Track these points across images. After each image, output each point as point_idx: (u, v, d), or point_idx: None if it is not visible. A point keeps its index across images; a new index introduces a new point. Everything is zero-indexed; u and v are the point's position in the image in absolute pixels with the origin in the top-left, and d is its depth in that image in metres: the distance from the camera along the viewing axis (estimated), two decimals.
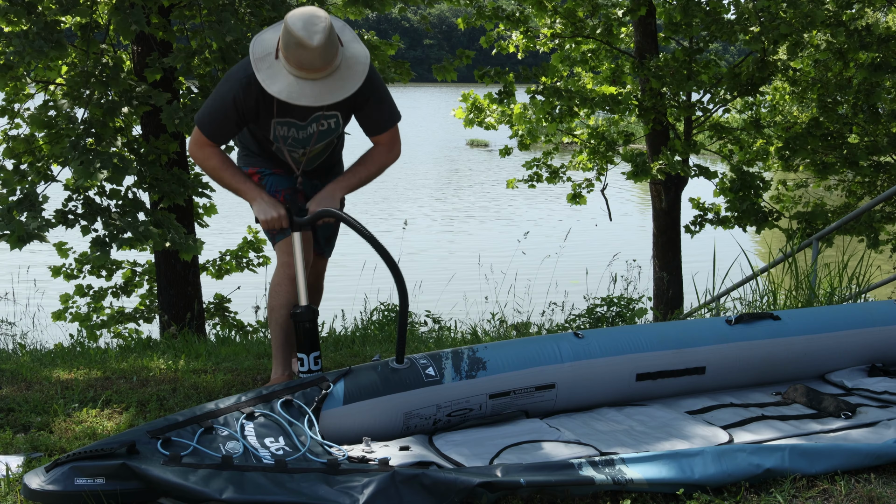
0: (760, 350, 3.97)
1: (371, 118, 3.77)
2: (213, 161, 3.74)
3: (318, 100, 3.45)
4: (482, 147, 38.14)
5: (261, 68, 3.47)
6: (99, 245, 6.69)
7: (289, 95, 3.43)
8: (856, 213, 8.47)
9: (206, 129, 3.67)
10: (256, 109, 3.63)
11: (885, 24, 17.05)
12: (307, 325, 3.64)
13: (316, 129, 3.77)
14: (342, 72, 3.49)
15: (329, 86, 3.46)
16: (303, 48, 3.37)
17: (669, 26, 11.35)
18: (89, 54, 7.32)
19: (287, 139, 3.78)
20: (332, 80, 3.47)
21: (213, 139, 3.69)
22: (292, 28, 3.36)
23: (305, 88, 3.44)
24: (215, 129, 3.67)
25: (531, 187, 13.18)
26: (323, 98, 3.46)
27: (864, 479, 2.94)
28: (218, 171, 3.74)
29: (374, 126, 3.80)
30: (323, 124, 3.77)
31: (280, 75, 3.45)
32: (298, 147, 3.82)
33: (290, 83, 3.44)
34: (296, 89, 3.43)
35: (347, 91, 3.49)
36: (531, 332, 6.43)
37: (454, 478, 2.69)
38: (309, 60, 3.40)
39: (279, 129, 3.74)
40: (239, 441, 2.97)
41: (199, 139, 3.72)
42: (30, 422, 3.66)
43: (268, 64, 3.47)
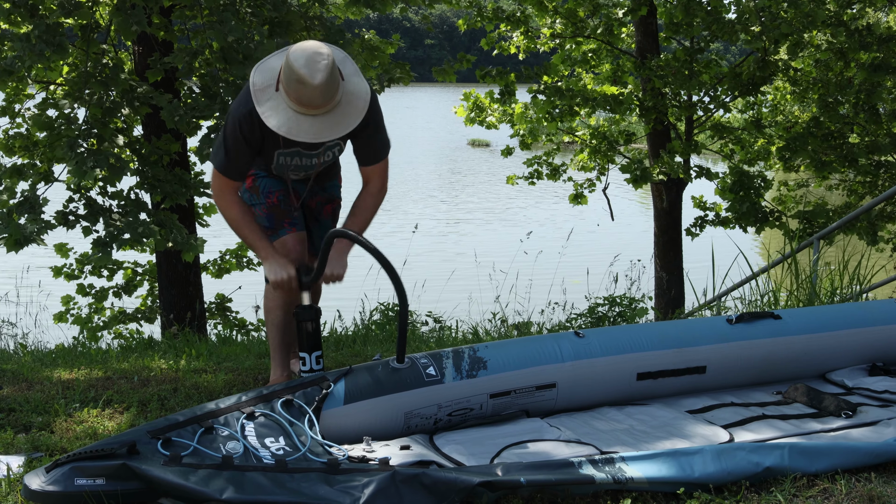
0: (761, 349, 3.97)
1: (368, 148, 3.75)
2: (233, 211, 3.70)
3: (317, 136, 3.43)
4: (484, 147, 38.15)
5: (261, 101, 3.44)
6: (100, 246, 6.70)
7: (288, 131, 3.40)
8: (857, 212, 8.47)
9: (224, 169, 3.64)
10: (262, 141, 3.62)
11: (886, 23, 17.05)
12: (309, 325, 3.64)
13: (322, 160, 3.78)
14: (342, 108, 3.47)
15: (328, 122, 3.44)
16: (304, 85, 3.33)
17: (670, 26, 11.35)
18: (90, 55, 7.33)
19: (290, 167, 3.78)
20: (332, 116, 3.44)
21: (235, 176, 3.66)
22: (294, 64, 3.33)
23: (304, 124, 3.41)
24: (233, 165, 3.64)
25: (531, 184, 13.18)
26: (322, 135, 3.44)
27: (865, 478, 2.94)
28: (238, 222, 3.72)
29: (369, 156, 3.76)
30: (328, 154, 3.78)
31: (280, 109, 3.42)
32: (301, 172, 3.83)
33: (289, 118, 3.41)
34: (295, 125, 3.41)
35: (347, 128, 3.47)
36: (532, 331, 6.43)
37: (454, 477, 2.69)
38: (309, 98, 3.36)
39: (283, 159, 3.73)
40: (239, 441, 2.97)
41: (219, 183, 3.68)
42: (31, 422, 3.67)
43: (268, 96, 3.44)
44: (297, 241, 3.89)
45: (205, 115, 7.00)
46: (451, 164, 33.19)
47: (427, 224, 20.21)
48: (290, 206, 3.89)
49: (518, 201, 22.90)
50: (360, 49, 8.74)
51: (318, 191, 4.04)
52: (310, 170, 3.82)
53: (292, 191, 3.94)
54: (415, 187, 26.18)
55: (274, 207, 3.86)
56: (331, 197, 4.09)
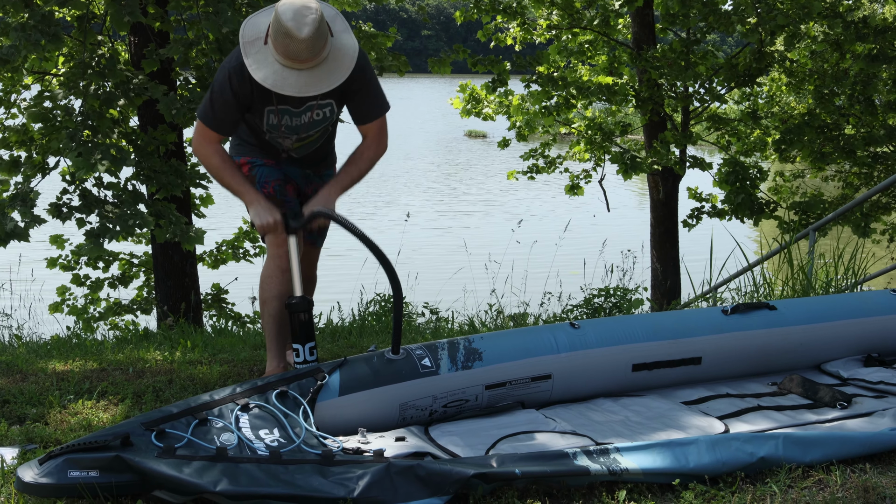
0: (756, 340, 3.97)
1: (361, 107, 3.77)
2: (214, 160, 3.73)
3: (302, 90, 3.45)
4: (480, 138, 38.10)
5: (249, 53, 3.47)
6: (92, 237, 6.67)
7: (273, 83, 3.43)
8: (852, 203, 8.46)
9: (209, 121, 3.66)
10: (252, 95, 3.63)
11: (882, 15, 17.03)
12: (302, 316, 3.64)
13: (310, 118, 3.76)
14: (329, 63, 3.49)
15: (315, 76, 3.46)
16: (290, 38, 3.36)
17: (667, 17, 11.33)
18: (86, 45, 7.29)
19: (280, 126, 3.77)
20: (319, 70, 3.47)
21: (218, 130, 3.68)
22: (282, 17, 3.36)
23: (290, 78, 3.43)
24: (218, 119, 3.66)
25: (530, 178, 13.17)
26: (307, 89, 3.45)
27: (860, 468, 2.94)
28: (219, 170, 3.74)
29: (364, 115, 3.79)
30: (318, 113, 3.76)
31: (267, 62, 3.45)
32: (291, 134, 3.81)
33: (275, 71, 3.43)
34: (280, 78, 3.43)
35: (333, 83, 3.49)
36: (528, 322, 6.43)
37: (449, 469, 2.69)
38: (296, 51, 3.39)
39: (272, 118, 3.73)
40: (233, 433, 2.97)
41: (203, 133, 3.71)
42: (25, 413, 3.66)
43: (256, 49, 3.47)
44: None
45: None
46: (447, 155, 33.16)
47: (423, 215, 20.18)
48: (285, 195, 3.88)
49: (515, 193, 22.88)
50: (357, 40, 8.70)
51: (314, 178, 4.05)
52: (299, 131, 3.81)
53: (288, 180, 3.93)
54: (411, 178, 26.15)
55: (270, 197, 3.85)
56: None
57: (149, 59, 7.14)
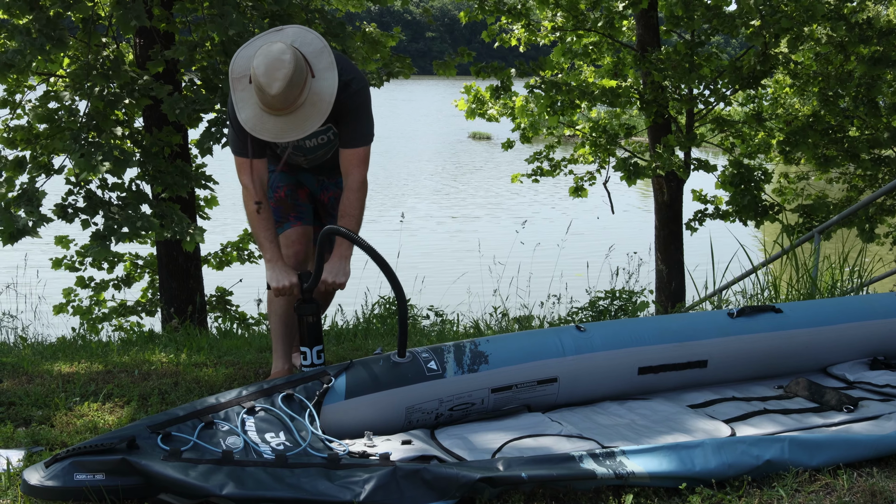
0: (762, 343, 3.96)
1: (347, 130, 3.75)
2: (249, 206, 3.74)
3: (278, 136, 3.49)
4: (485, 140, 38.11)
5: (236, 89, 3.51)
6: (98, 239, 6.68)
7: (252, 127, 3.48)
8: (857, 205, 8.45)
9: (236, 149, 3.71)
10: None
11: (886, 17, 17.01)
12: (310, 319, 3.64)
13: (315, 142, 3.80)
14: (306, 108, 3.50)
15: (291, 122, 3.48)
16: (262, 92, 3.40)
17: (671, 19, 11.34)
18: (91, 47, 7.30)
19: (287, 149, 3.80)
20: (295, 116, 3.49)
21: (249, 155, 3.68)
22: (256, 71, 3.39)
23: (268, 123, 3.48)
24: (243, 144, 3.67)
25: (535, 181, 13.17)
26: (283, 135, 3.49)
27: (867, 472, 2.93)
28: (252, 217, 3.75)
29: (347, 138, 3.75)
30: (322, 138, 3.80)
31: (250, 103, 3.50)
32: (300, 155, 3.86)
33: (255, 114, 3.48)
34: (259, 123, 3.48)
35: (307, 129, 3.51)
36: (533, 325, 6.43)
37: (455, 472, 2.68)
38: (269, 103, 3.43)
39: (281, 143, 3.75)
40: (239, 436, 2.97)
41: (240, 164, 3.73)
42: (31, 416, 3.66)
43: (242, 86, 3.51)
44: (301, 234, 3.90)
45: (205, 109, 6.99)
46: (452, 157, 33.16)
47: (428, 217, 20.18)
48: (297, 200, 3.91)
49: (519, 195, 22.88)
50: (361, 42, 8.72)
51: (330, 186, 4.06)
52: (308, 153, 3.83)
53: (301, 185, 3.95)
54: (415, 180, 26.15)
55: (281, 201, 3.88)
56: (342, 191, 4.08)
57: (154, 61, 7.15)
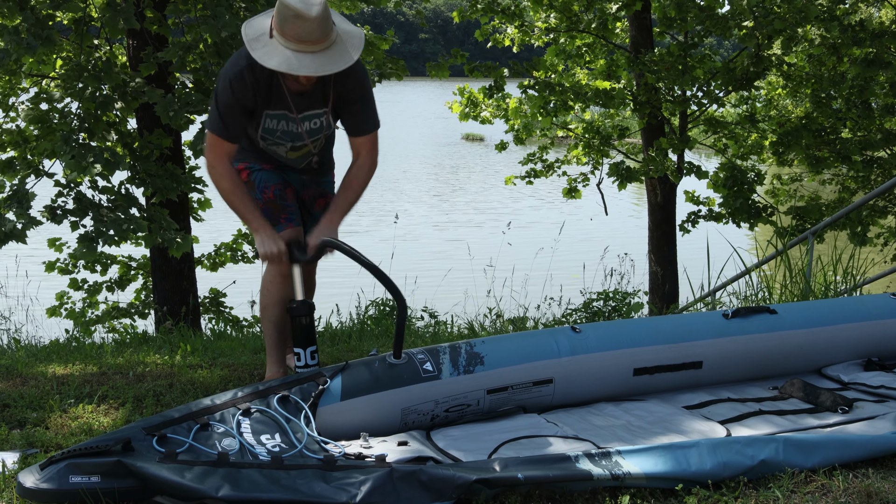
0: (757, 344, 3.97)
1: (357, 118, 3.77)
2: (225, 182, 3.71)
3: (319, 69, 3.44)
4: (478, 141, 38.12)
5: (256, 48, 3.46)
6: (86, 241, 6.66)
7: (289, 66, 3.42)
8: (851, 207, 8.48)
9: (218, 130, 3.64)
10: (254, 99, 3.63)
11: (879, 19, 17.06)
12: (304, 320, 3.63)
13: (308, 126, 3.77)
14: (339, 45, 3.50)
15: (329, 57, 3.46)
16: (301, 19, 3.37)
17: (664, 21, 11.35)
18: (83, 48, 7.28)
19: (276, 132, 3.77)
20: (331, 51, 3.47)
21: (228, 137, 3.66)
22: (289, 1, 3.37)
23: (305, 60, 3.43)
24: (227, 126, 3.64)
25: (528, 183, 13.17)
26: (324, 67, 3.45)
27: (862, 473, 2.94)
28: (229, 193, 3.72)
29: (358, 126, 3.79)
30: (315, 122, 3.77)
31: (276, 51, 3.44)
32: (287, 141, 3.81)
33: (288, 57, 3.43)
34: (295, 61, 3.42)
35: (347, 62, 3.49)
36: (528, 326, 6.43)
37: (451, 474, 2.68)
38: (308, 31, 3.39)
39: (269, 122, 3.73)
40: (235, 438, 2.96)
41: (214, 146, 3.68)
42: (25, 418, 3.65)
43: (262, 43, 3.47)
44: (294, 236, 3.88)
45: (198, 111, 6.97)
46: (444, 158, 33.15)
47: (421, 219, 20.18)
48: (286, 200, 3.88)
49: (513, 196, 22.88)
50: None
51: (311, 184, 4.05)
52: (295, 139, 3.81)
53: (288, 184, 3.93)
54: (408, 182, 26.14)
55: (270, 202, 3.85)
56: (323, 192, 4.09)
57: (146, 63, 7.13)
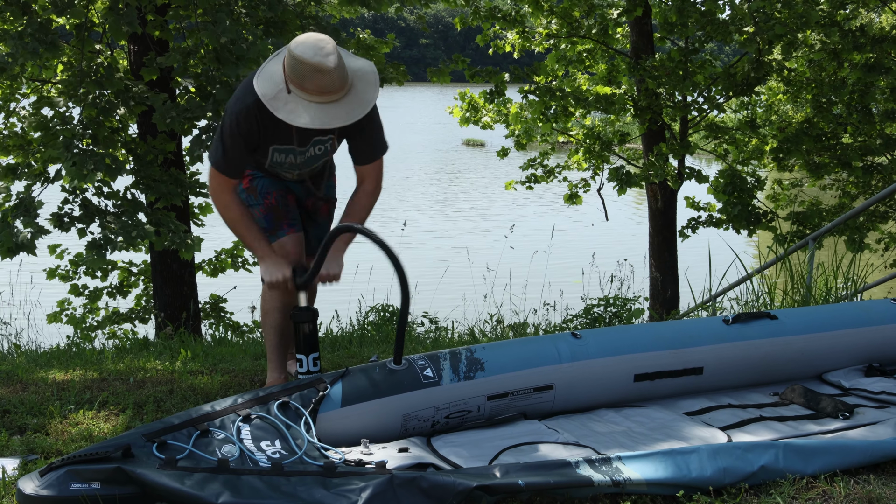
0: (758, 350, 3.96)
1: (366, 145, 3.75)
2: (232, 212, 3.71)
3: (349, 117, 3.44)
4: (478, 146, 38.13)
5: (278, 107, 3.42)
6: (94, 248, 6.66)
7: (322, 122, 3.40)
8: (851, 213, 8.47)
9: (222, 167, 3.64)
10: (259, 137, 3.62)
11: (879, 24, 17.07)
12: (307, 327, 3.63)
13: (312, 153, 3.78)
14: (358, 86, 3.49)
15: (353, 100, 3.46)
16: (321, 73, 3.34)
17: (665, 26, 11.36)
18: (84, 54, 7.30)
19: (284, 165, 3.78)
20: (353, 95, 3.47)
21: (232, 175, 3.66)
22: (304, 57, 3.34)
23: (332, 111, 3.41)
24: (231, 163, 3.63)
25: (529, 188, 13.17)
26: (353, 114, 3.44)
27: (864, 479, 2.93)
28: (235, 222, 3.72)
29: (365, 154, 3.77)
30: (319, 148, 3.78)
31: (300, 107, 3.41)
32: (294, 170, 3.84)
33: (314, 112, 3.40)
34: (325, 116, 3.41)
35: (371, 99, 3.50)
36: (528, 332, 6.42)
37: (452, 480, 2.68)
38: (330, 83, 3.37)
39: (277, 156, 3.74)
40: (235, 444, 2.96)
41: (218, 180, 3.68)
42: (26, 424, 3.65)
43: (283, 101, 3.43)
44: (296, 242, 3.88)
45: (197, 116, 6.98)
46: (445, 164, 33.17)
47: (422, 224, 20.17)
48: (288, 206, 3.88)
49: (514, 202, 22.88)
50: (356, 49, 8.73)
51: (311, 190, 4.04)
52: (303, 167, 3.82)
53: (289, 191, 3.94)
54: (409, 187, 26.15)
55: (272, 208, 3.85)
56: (327, 197, 4.09)
57: (148, 68, 7.14)
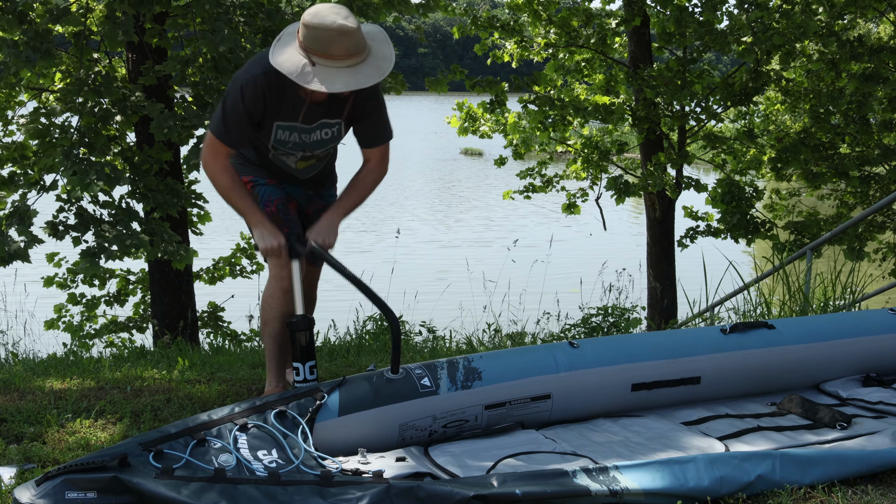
0: (755, 359, 3.96)
1: (371, 130, 3.80)
2: (224, 178, 3.72)
3: (378, 74, 3.50)
4: (476, 156, 38.16)
5: (310, 80, 3.42)
6: (88, 256, 6.65)
7: (357, 83, 3.45)
8: (849, 223, 8.47)
9: (221, 135, 3.64)
10: (264, 110, 3.62)
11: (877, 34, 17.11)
12: (304, 335, 3.63)
13: (319, 136, 3.77)
14: (375, 46, 3.56)
15: (377, 60, 3.52)
16: (346, 35, 3.40)
17: (663, 36, 11.38)
18: (82, 62, 7.30)
19: (287, 143, 3.77)
20: (374, 55, 3.53)
21: (230, 143, 3.67)
22: (325, 23, 3.39)
23: (363, 71, 3.47)
24: (230, 133, 3.64)
25: (527, 198, 13.18)
26: (381, 71, 3.51)
27: (861, 490, 2.93)
28: (228, 189, 3.73)
29: (371, 139, 3.82)
30: (326, 132, 3.78)
31: (331, 74, 3.44)
32: (297, 151, 3.81)
33: (347, 76, 3.45)
34: (355, 76, 3.46)
35: (390, 56, 3.56)
36: (526, 342, 6.42)
37: (449, 490, 2.67)
38: (356, 44, 3.44)
39: (281, 133, 3.73)
40: (232, 453, 2.95)
41: (214, 147, 3.68)
42: (22, 432, 3.64)
43: (312, 74, 3.44)
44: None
45: (195, 125, 6.97)
46: (443, 173, 33.19)
47: (420, 233, 20.17)
48: (288, 214, 3.88)
49: (512, 211, 22.89)
50: None
51: (315, 198, 4.05)
52: (305, 148, 3.81)
53: (291, 199, 3.94)
54: (407, 196, 26.16)
55: (273, 216, 3.85)
56: (328, 206, 4.08)
57: (146, 76, 7.14)
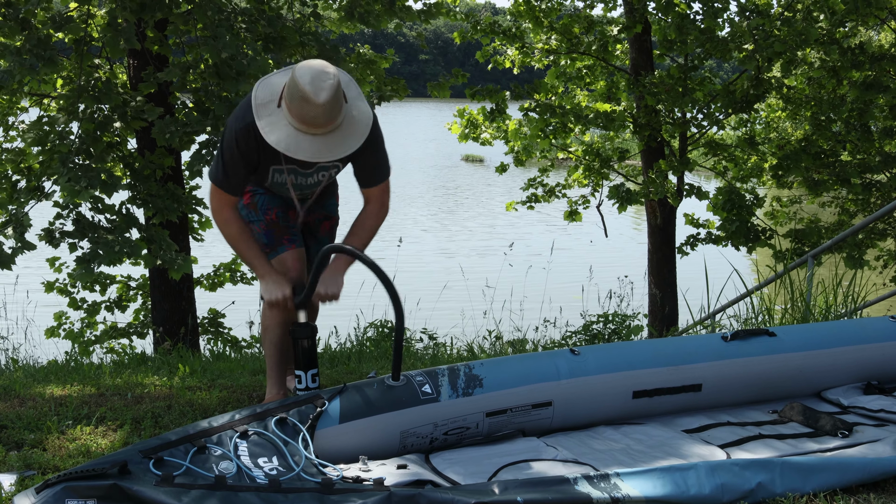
0: (756, 367, 3.96)
1: (369, 171, 3.73)
2: (232, 228, 3.70)
3: (315, 155, 3.39)
4: (477, 162, 38.20)
5: (262, 115, 3.41)
6: (83, 263, 6.65)
7: (287, 147, 3.37)
8: (850, 231, 8.47)
9: (221, 184, 3.63)
10: (258, 156, 3.60)
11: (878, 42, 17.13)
12: (305, 343, 3.62)
13: (316, 178, 3.78)
14: (343, 130, 3.44)
15: (328, 142, 3.40)
16: (307, 103, 3.30)
17: (664, 43, 11.39)
18: (83, 69, 7.30)
19: (284, 185, 3.77)
20: (333, 136, 3.41)
21: (232, 192, 3.65)
22: (300, 81, 3.30)
23: (304, 143, 3.38)
24: (230, 181, 3.62)
25: (530, 208, 13.17)
26: (321, 154, 3.40)
27: (864, 498, 2.92)
28: (235, 239, 3.71)
29: (368, 177, 3.75)
30: (323, 175, 3.78)
31: (280, 125, 3.39)
32: (297, 191, 3.83)
33: (289, 134, 3.38)
34: (294, 142, 3.37)
35: (346, 150, 3.44)
36: (527, 349, 6.41)
37: (451, 497, 2.67)
38: (312, 116, 3.33)
39: (278, 177, 3.73)
40: (232, 461, 2.94)
41: (218, 197, 3.67)
42: (23, 439, 3.63)
43: (269, 111, 3.41)
44: (296, 258, 3.87)
45: (197, 131, 6.97)
46: (446, 180, 33.21)
47: (421, 240, 20.17)
48: (288, 222, 3.88)
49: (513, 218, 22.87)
50: (356, 63, 8.75)
51: (316, 208, 4.04)
52: (305, 189, 3.81)
53: (290, 206, 3.93)
54: (408, 203, 26.17)
55: (273, 224, 3.84)
56: (328, 214, 4.08)
57: (147, 82, 7.15)
